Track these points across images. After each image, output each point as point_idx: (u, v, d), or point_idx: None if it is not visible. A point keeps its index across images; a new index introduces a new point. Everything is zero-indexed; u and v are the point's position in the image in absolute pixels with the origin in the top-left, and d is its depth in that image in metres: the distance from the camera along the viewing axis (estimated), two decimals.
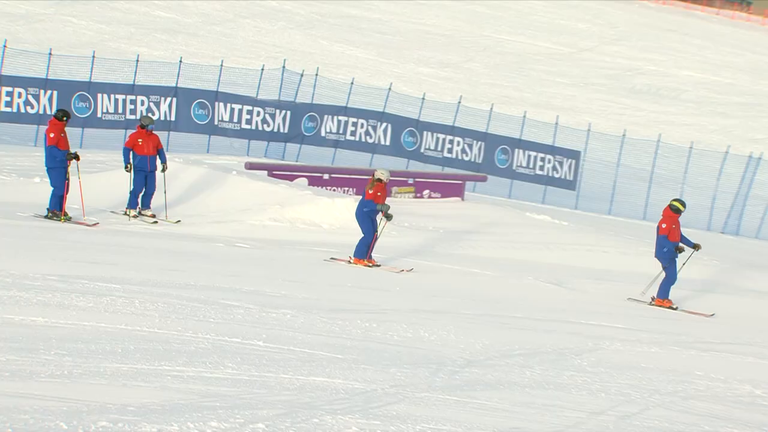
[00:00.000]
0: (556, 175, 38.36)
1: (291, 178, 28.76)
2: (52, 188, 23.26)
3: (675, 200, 24.58)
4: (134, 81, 33.43)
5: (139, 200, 24.31)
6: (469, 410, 14.21)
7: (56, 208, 23.25)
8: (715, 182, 39.94)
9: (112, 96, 32.29)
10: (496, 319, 19.90)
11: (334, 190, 28.87)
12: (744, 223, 40.04)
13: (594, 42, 65.48)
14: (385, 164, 35.07)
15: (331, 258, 23.06)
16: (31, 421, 10.92)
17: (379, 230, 23.51)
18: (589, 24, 70.20)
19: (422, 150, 37.11)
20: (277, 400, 13.13)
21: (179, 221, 24.39)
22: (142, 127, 24.25)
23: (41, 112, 30.58)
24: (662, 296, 23.55)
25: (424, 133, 37.23)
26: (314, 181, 29.09)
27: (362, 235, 23.14)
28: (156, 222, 24.11)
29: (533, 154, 38.21)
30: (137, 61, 34.36)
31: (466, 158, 37.37)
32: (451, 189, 31.44)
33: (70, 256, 19.66)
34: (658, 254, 23.76)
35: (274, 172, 29.01)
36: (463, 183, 32.07)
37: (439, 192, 31.21)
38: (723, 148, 41.46)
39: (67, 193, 23.27)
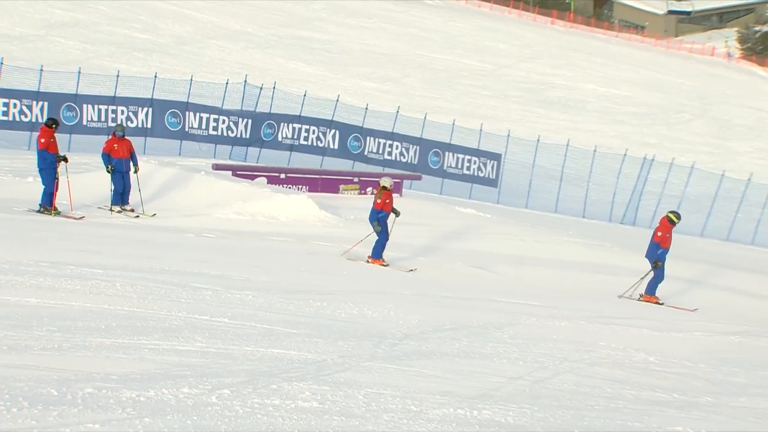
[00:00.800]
0: (481, 175, 38.40)
1: (252, 178, 28.69)
2: (43, 186, 23.17)
3: (671, 212, 24.69)
4: (115, 93, 33.28)
5: (121, 198, 24.23)
6: (406, 377, 14.19)
7: (47, 204, 23.15)
8: (615, 180, 40.11)
9: (96, 106, 32.13)
10: (429, 299, 19.89)
11: (289, 187, 28.78)
12: (639, 215, 40.20)
13: (512, 60, 65.62)
14: (333, 165, 35.03)
15: (347, 258, 23.05)
16: (26, 388, 10.92)
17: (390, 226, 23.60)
18: (508, 45, 70.35)
19: (366, 153, 37.08)
20: (240, 369, 13.10)
21: (155, 215, 24.29)
22: (115, 134, 24.17)
23: (33, 120, 30.43)
24: (650, 293, 23.72)
25: (368, 138, 37.21)
26: (272, 180, 29.02)
27: (377, 239, 23.22)
28: (138, 216, 23.99)
29: (461, 156, 38.26)
30: (117, 76, 34.21)
31: (404, 160, 37.38)
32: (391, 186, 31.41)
33: (60, 246, 19.54)
34: (648, 255, 24.04)
35: (238, 172, 28.95)
36: (401, 181, 32.05)
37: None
38: (622, 151, 41.67)
39: (56, 191, 23.18)
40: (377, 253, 23.13)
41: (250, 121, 35.34)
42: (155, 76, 35.14)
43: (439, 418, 12.51)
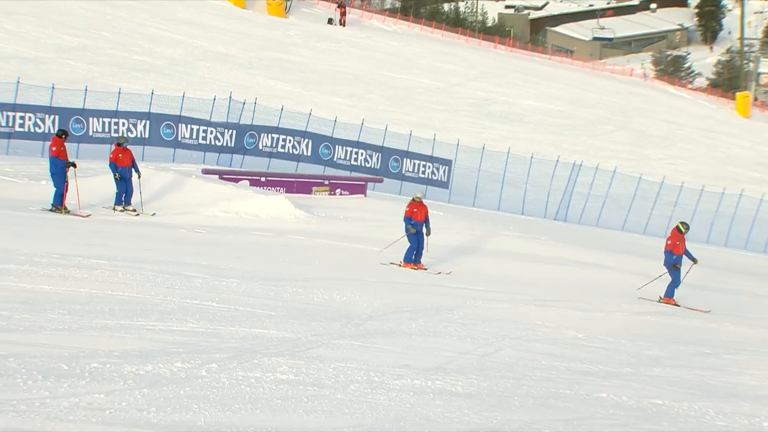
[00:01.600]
0: (434, 178, 38.39)
1: (236, 180, 28.60)
2: (54, 188, 23.05)
3: (680, 223, 24.37)
4: (117, 108, 33.12)
5: (122, 199, 24.11)
6: (370, 352, 14.19)
7: (58, 204, 23.03)
8: (549, 182, 40.20)
9: (101, 119, 32.00)
10: (390, 285, 19.88)
11: (268, 189, 28.69)
12: (570, 212, 40.29)
13: (461, 79, 65.64)
14: (306, 170, 34.97)
15: (390, 263, 22.91)
16: (40, 363, 10.96)
17: (425, 244, 23.33)
18: (457, 66, 70.36)
19: (335, 159, 37.00)
20: (226, 347, 13.08)
21: (154, 214, 24.18)
22: (119, 145, 24.09)
23: (46, 131, 30.27)
24: (668, 296, 23.38)
25: (336, 146, 37.13)
26: (254, 183, 28.93)
27: (408, 245, 23.07)
28: (138, 215, 23.88)
29: (417, 161, 38.24)
30: (119, 93, 34.06)
31: (368, 165, 37.31)
32: (357, 188, 31.39)
33: (69, 240, 19.44)
34: (666, 263, 23.68)
35: (224, 176, 28.87)
36: (366, 184, 32.04)
37: (347, 191, 31.14)
38: (554, 158, 41.72)
39: (66, 192, 23.07)
40: (408, 259, 23.00)
41: (234, 131, 35.23)
42: (152, 93, 34.99)
43: (399, 388, 12.53)
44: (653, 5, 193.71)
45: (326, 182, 31.30)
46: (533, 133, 54.33)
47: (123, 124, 32.38)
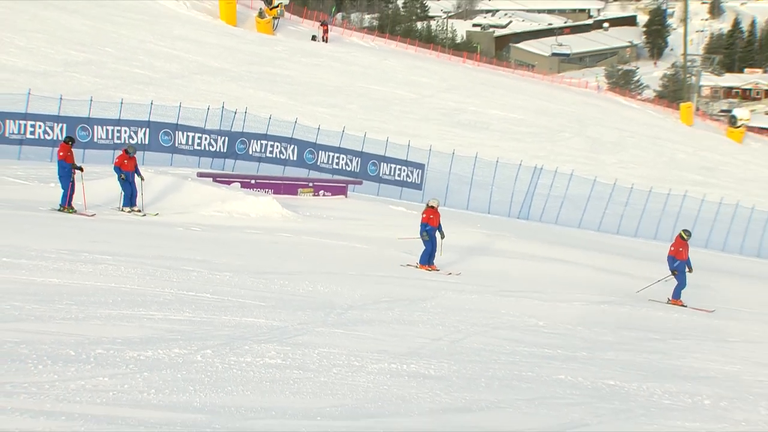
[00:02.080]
0: (409, 180, 38.42)
1: (228, 183, 28.56)
2: (62, 190, 22.97)
3: (684, 231, 24.03)
4: (119, 117, 33.04)
5: (129, 200, 24.08)
6: (351, 339, 14.19)
7: (65, 204, 22.94)
8: (512, 184, 40.28)
9: (104, 127, 31.94)
10: (369, 278, 19.87)
11: (258, 191, 28.65)
12: (531, 212, 40.37)
13: (433, 91, 65.71)
14: (292, 173, 34.94)
15: (407, 264, 22.69)
16: (49, 349, 10.96)
17: (438, 247, 23.07)
18: (429, 79, 70.44)
19: (318, 163, 36.99)
20: (220, 334, 13.07)
21: (157, 214, 24.11)
22: (127, 153, 24.04)
23: (54, 138, 30.21)
24: (675, 297, 23.13)
25: (320, 151, 37.12)
26: (245, 185, 28.92)
27: (424, 248, 22.83)
28: (144, 215, 23.81)
29: (393, 165, 38.28)
30: (121, 103, 34.01)
31: (348, 168, 37.31)
32: (338, 190, 31.41)
33: (76, 237, 19.37)
34: (670, 267, 23.28)
35: (217, 179, 28.84)
36: (346, 185, 32.06)
37: (330, 192, 31.15)
38: (517, 162, 41.80)
39: (73, 194, 23.00)
40: (424, 261, 22.80)
41: (227, 138, 35.19)
42: (151, 104, 34.92)
43: (377, 371, 12.54)
44: (606, 24, 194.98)
45: (310, 184, 31.31)
46: (498, 139, 54.43)
47: (125, 131, 32.32)
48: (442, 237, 23.20)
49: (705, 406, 13.83)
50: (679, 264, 23.06)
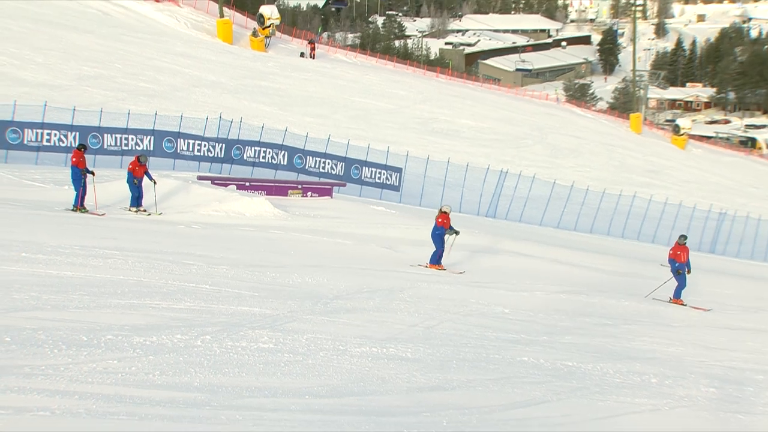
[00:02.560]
0: (388, 183, 38.40)
1: (225, 185, 28.51)
2: (75, 192, 22.89)
3: (681, 236, 23.66)
4: (127, 126, 32.91)
5: (137, 202, 23.98)
6: (336, 326, 14.18)
7: (78, 205, 22.85)
8: (481, 186, 40.33)
9: (113, 135, 31.82)
10: (352, 270, 19.86)
11: (252, 192, 28.59)
12: (498, 210, 40.41)
13: (409, 102, 65.72)
14: (283, 176, 34.88)
15: (418, 264, 22.39)
16: (64, 335, 10.98)
17: (447, 246, 22.76)
18: (406, 91, 70.43)
19: (306, 167, 36.92)
20: (218, 321, 13.05)
21: (162, 213, 24.02)
22: (139, 160, 23.97)
23: (68, 145, 30.08)
24: (676, 297, 22.78)
25: (308, 157, 37.07)
26: (240, 187, 28.86)
27: (434, 248, 22.53)
28: (150, 214, 23.73)
29: (374, 169, 38.26)
30: (129, 114, 33.91)
31: (333, 172, 37.26)
32: (324, 191, 31.39)
33: (87, 234, 19.30)
34: (672, 269, 22.89)
35: (215, 182, 28.77)
36: (332, 187, 32.03)
37: (316, 193, 31.12)
38: (485, 166, 41.83)
39: (84, 195, 22.91)
40: (434, 260, 22.50)
41: (223, 145, 35.10)
42: (155, 114, 34.82)
43: (359, 354, 12.55)
44: (564, 43, 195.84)
45: (299, 186, 31.28)
46: (468, 146, 54.47)
47: (132, 139, 32.22)
48: (457, 233, 22.89)
49: (652, 384, 13.90)
50: (679, 266, 22.77)
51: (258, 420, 9.44)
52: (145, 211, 24.02)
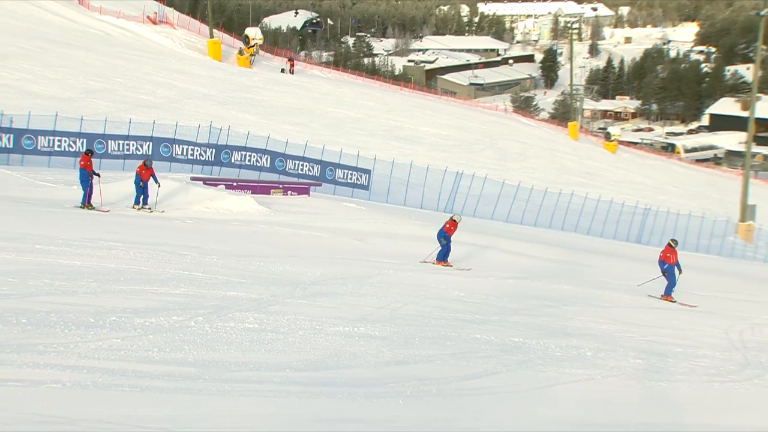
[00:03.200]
0: (358, 183, 38.29)
1: (215, 185, 28.35)
2: (82, 191, 22.67)
3: (671, 240, 22.92)
4: (128, 133, 32.63)
5: (140, 201, 23.72)
6: (313, 308, 14.16)
7: (85, 203, 22.65)
8: (439, 186, 40.32)
9: (116, 141, 31.53)
10: (327, 259, 19.83)
11: (239, 191, 28.44)
12: (455, 207, 40.43)
13: (377, 112, 65.63)
14: (266, 177, 34.71)
15: (423, 261, 22.07)
16: (74, 317, 11.06)
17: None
18: (374, 102, 70.33)
19: (286, 169, 36.74)
20: (209, 304, 13.03)
21: (163, 211, 23.83)
22: (145, 164, 23.77)
23: (77, 150, 29.77)
24: (667, 294, 21.93)
25: (287, 160, 36.87)
26: (228, 187, 28.69)
27: (439, 248, 22.15)
28: (152, 211, 23.53)
29: (346, 171, 38.12)
30: (130, 122, 33.66)
31: (311, 173, 37.12)
32: (302, 190, 31.29)
33: (94, 228, 19.16)
34: (661, 270, 22.06)
35: (207, 182, 28.60)
36: (309, 187, 31.94)
37: (296, 192, 31.01)
38: (443, 168, 41.83)
39: (91, 195, 22.70)
40: (441, 258, 22.08)
41: (214, 150, 34.85)
42: (153, 123, 34.58)
43: (333, 333, 12.55)
44: (511, 61, 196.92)
45: (280, 186, 31.18)
46: (428, 150, 54.50)
47: (133, 144, 31.94)
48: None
49: (587, 357, 14.01)
50: (668, 267, 22.07)
51: (244, 391, 9.44)
52: (149, 208, 23.83)
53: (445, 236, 22.22)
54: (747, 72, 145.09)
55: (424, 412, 9.96)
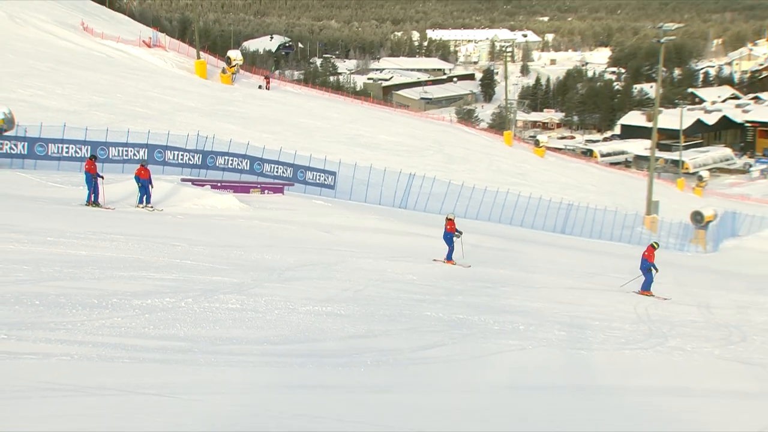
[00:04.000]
0: (326, 183, 38.13)
1: (202, 185, 28.14)
2: (87, 191, 22.38)
3: (654, 242, 22.19)
4: (127, 141, 32.22)
5: (143, 200, 23.38)
6: (287, 290, 14.14)
7: (89, 201, 22.34)
8: (395, 185, 40.35)
9: (117, 148, 31.12)
10: (300, 249, 19.78)
11: (222, 191, 28.24)
12: (408, 203, 40.47)
13: (341, 123, 65.48)
14: (246, 178, 34.46)
15: (435, 260, 21.50)
16: (80, 299, 11.01)
17: (460, 245, 22.04)
18: (339, 114, 70.18)
19: (264, 171, 36.47)
20: (197, 288, 12.95)
21: (162, 210, 23.55)
22: (143, 165, 23.48)
23: (82, 155, 29.35)
24: (645, 289, 21.29)
25: (264, 164, 36.60)
26: (214, 187, 28.49)
27: (447, 248, 21.60)
28: (153, 210, 23.24)
29: (315, 172, 37.92)
30: (128, 132, 33.27)
31: (284, 175, 36.88)
32: (278, 189, 31.14)
33: (97, 222, 18.95)
34: (641, 267, 21.45)
35: (195, 183, 28.37)
36: (283, 187, 31.81)
37: (271, 191, 30.88)
38: (398, 170, 41.83)
39: (97, 194, 22.41)
40: (448, 257, 21.48)
41: (201, 155, 34.50)
42: (148, 132, 34.19)
43: (304, 312, 12.55)
44: (455, 78, 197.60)
45: (258, 186, 31.03)
46: (385, 155, 54.48)
47: (131, 151, 31.53)
48: (460, 234, 21.92)
49: (520, 330, 14.13)
50: (649, 265, 21.39)
51: (229, 361, 9.43)
52: (152, 207, 23.54)
53: (450, 236, 21.74)
54: (651, 89, 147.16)
55: (383, 378, 10.01)
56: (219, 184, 29.45)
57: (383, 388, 9.62)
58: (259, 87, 76.87)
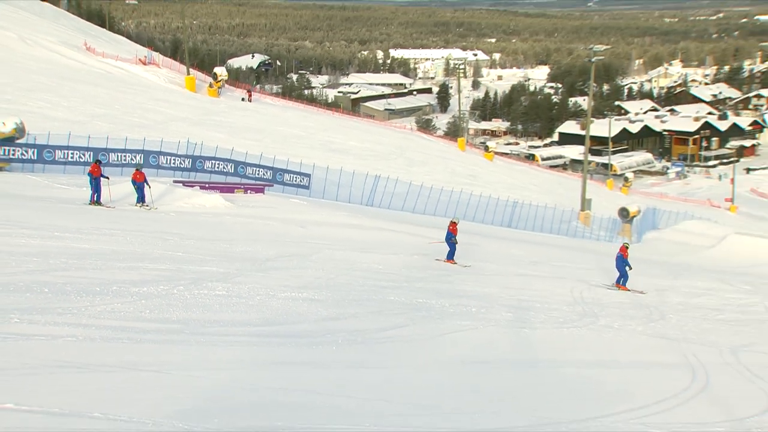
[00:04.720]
0: (301, 184, 37.91)
1: (192, 186, 27.89)
2: (91, 192, 22.06)
3: (625, 243, 21.96)
4: (125, 147, 31.81)
5: (141, 199, 23.07)
6: (268, 279, 14.12)
7: (92, 200, 22.03)
8: (363, 185, 40.24)
9: (116, 153, 30.68)
10: (280, 242, 19.72)
11: (210, 191, 28.00)
12: (374, 201, 40.44)
13: (315, 131, 65.09)
14: (231, 180, 34.17)
15: (436, 260, 21.00)
16: (84, 287, 10.94)
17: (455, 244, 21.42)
18: (313, 123, 69.78)
19: (247, 174, 36.18)
20: (188, 277, 12.85)
21: (157, 208, 23.28)
22: (138, 169, 23.18)
23: (86, 160, 28.93)
24: (621, 284, 20.95)
25: (247, 167, 36.32)
26: (202, 188, 28.25)
27: (448, 248, 21.21)
28: (150, 209, 22.92)
29: (292, 174, 37.66)
30: (126, 139, 32.87)
31: (265, 177, 36.59)
32: (259, 190, 30.97)
33: (99, 219, 18.69)
34: (617, 266, 21.20)
35: (185, 184, 28.11)
36: (264, 187, 31.65)
37: (254, 191, 30.70)
38: (366, 173, 41.72)
39: (100, 195, 22.11)
40: (449, 257, 21.08)
41: (191, 160, 34.11)
42: (144, 139, 33.82)
43: (284, 297, 12.52)
44: (415, 92, 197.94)
45: (242, 186, 30.83)
46: (354, 159, 54.36)
47: (128, 156, 31.09)
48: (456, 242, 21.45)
49: (473, 312, 14.24)
50: (625, 261, 21.07)
51: (217, 342, 9.40)
52: (147, 206, 23.24)
53: (451, 237, 21.39)
54: (584, 102, 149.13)
55: (353, 355, 10.04)
56: (207, 185, 29.22)
57: (353, 364, 9.65)
58: (242, 99, 76.22)
